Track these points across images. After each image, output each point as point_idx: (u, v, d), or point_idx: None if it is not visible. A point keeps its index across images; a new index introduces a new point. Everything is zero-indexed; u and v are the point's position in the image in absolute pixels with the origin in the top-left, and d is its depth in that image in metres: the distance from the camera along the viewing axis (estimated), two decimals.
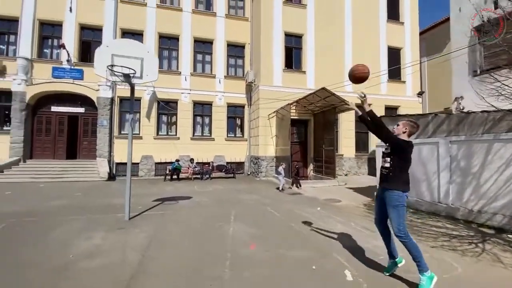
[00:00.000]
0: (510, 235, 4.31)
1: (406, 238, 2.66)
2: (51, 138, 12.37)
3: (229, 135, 14.20)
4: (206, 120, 14.09)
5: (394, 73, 13.80)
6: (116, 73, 4.50)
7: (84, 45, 12.71)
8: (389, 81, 13.87)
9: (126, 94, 12.30)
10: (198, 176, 12.11)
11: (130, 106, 5.23)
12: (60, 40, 12.21)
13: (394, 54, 14.36)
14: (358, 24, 13.66)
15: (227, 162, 13.64)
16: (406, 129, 2.80)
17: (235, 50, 14.64)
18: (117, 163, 12.42)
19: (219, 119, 13.94)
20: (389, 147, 2.82)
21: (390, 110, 13.86)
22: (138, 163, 12.48)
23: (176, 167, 11.74)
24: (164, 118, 13.50)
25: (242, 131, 14.57)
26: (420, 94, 14.20)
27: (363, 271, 3.02)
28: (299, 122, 12.56)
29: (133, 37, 12.48)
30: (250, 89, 14.03)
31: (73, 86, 12.13)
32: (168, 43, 13.63)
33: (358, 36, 13.62)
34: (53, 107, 12.38)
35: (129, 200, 5.09)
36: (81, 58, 12.49)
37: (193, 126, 13.65)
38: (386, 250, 2.98)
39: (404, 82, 14.23)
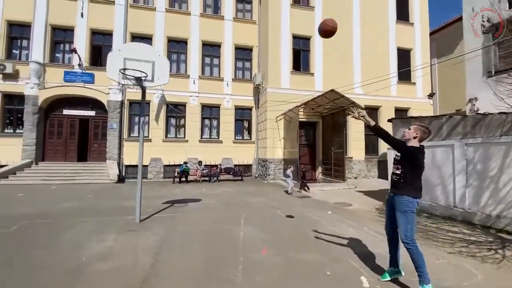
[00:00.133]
0: None
1: (413, 246, 2.56)
2: (63, 141, 12.60)
3: (236, 138, 14.21)
4: (214, 122, 14.15)
5: (404, 74, 13.58)
6: (128, 76, 4.54)
7: (95, 49, 12.96)
8: (399, 82, 13.67)
9: (136, 98, 12.50)
10: (206, 178, 12.13)
11: (141, 109, 5.27)
12: (71, 44, 12.48)
13: (404, 55, 14.14)
14: (366, 25, 13.53)
15: (235, 165, 13.63)
16: (417, 134, 2.69)
17: (243, 53, 14.69)
18: (126, 166, 12.55)
19: (227, 122, 13.97)
20: (400, 155, 2.74)
21: (400, 112, 13.64)
22: (147, 166, 12.58)
23: (184, 170, 11.78)
24: (172, 121, 13.61)
25: (250, 134, 14.56)
26: (431, 95, 13.93)
27: (379, 278, 2.93)
28: (307, 125, 12.47)
29: (142, 41, 12.58)
30: (257, 91, 14.02)
31: (84, 89, 12.35)
32: (176, 47, 13.77)
33: (366, 37, 13.48)
34: (64, 111, 12.63)
35: (140, 202, 5.11)
36: (92, 62, 12.73)
37: (201, 128, 13.72)
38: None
39: (414, 83, 13.99)
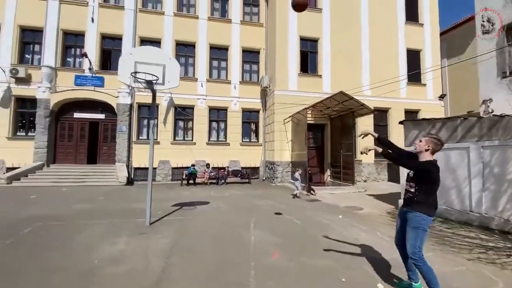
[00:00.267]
0: None
1: (420, 262, 2.45)
2: (73, 143, 12.79)
3: (244, 140, 14.19)
4: (222, 125, 14.17)
5: (414, 76, 13.36)
6: (139, 80, 4.57)
7: (104, 53, 13.17)
8: (408, 84, 13.42)
9: (144, 101, 12.64)
10: (214, 181, 12.13)
11: (151, 112, 5.30)
12: (82, 49, 12.70)
13: (413, 56, 13.92)
14: (375, 26, 13.39)
15: (242, 167, 13.60)
16: (429, 146, 2.54)
17: (250, 56, 14.72)
18: (135, 168, 12.65)
19: (234, 124, 13.98)
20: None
21: (410, 114, 13.39)
22: (156, 168, 12.65)
23: (192, 172, 11.81)
24: (180, 124, 13.69)
25: (257, 136, 14.52)
26: (441, 97, 13.65)
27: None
28: (315, 127, 12.37)
29: (151, 45, 12.75)
30: (265, 94, 14.00)
31: (94, 93, 12.55)
32: (184, 50, 13.89)
33: (375, 38, 13.33)
34: (75, 114, 12.83)
35: (150, 205, 5.11)
36: (102, 66, 12.93)
37: (208, 131, 13.75)
38: None
39: (424, 85, 13.74)
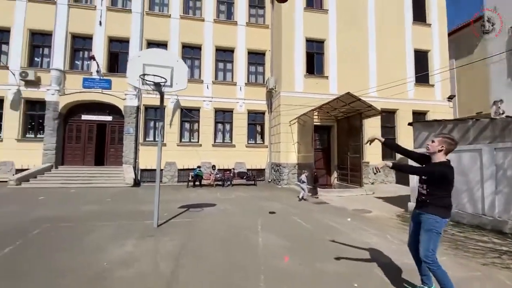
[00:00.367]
0: None
1: (434, 266, 2.36)
2: (81, 145, 12.94)
3: (249, 142, 14.17)
4: (227, 127, 14.19)
5: (422, 76, 13.18)
6: (147, 82, 4.59)
7: (112, 56, 13.32)
8: (416, 85, 13.25)
9: (151, 103, 12.75)
10: (220, 182, 12.13)
11: (160, 114, 5.32)
12: (90, 52, 12.86)
13: (421, 57, 13.75)
14: (382, 27, 13.28)
15: (248, 169, 13.57)
16: (443, 147, 2.45)
17: (256, 58, 14.73)
18: (141, 170, 12.73)
19: (240, 126, 13.98)
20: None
21: (418, 115, 13.22)
22: (162, 170, 12.70)
23: (197, 174, 11.83)
24: (186, 126, 13.74)
25: (263, 138, 14.50)
26: (450, 98, 13.43)
27: None
28: (322, 129, 12.29)
29: (157, 47, 12.79)
30: (270, 95, 13.98)
31: (101, 95, 12.68)
32: (191, 53, 13.96)
33: (382, 39, 13.21)
34: (83, 116, 12.98)
35: (157, 207, 5.12)
36: (109, 69, 13.08)
37: (214, 133, 13.78)
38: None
39: (432, 85, 13.54)
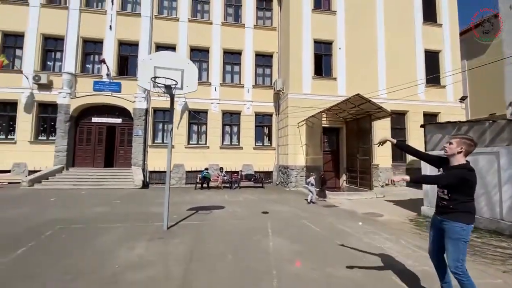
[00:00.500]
0: None
1: (464, 277, 2.24)
2: (91, 147, 13.13)
3: (257, 144, 14.14)
4: (235, 129, 14.19)
5: (433, 77, 12.93)
6: (158, 84, 4.61)
7: (121, 59, 13.51)
8: (427, 86, 13.00)
9: (160, 105, 12.89)
10: (227, 185, 12.11)
11: (170, 116, 5.33)
12: (100, 55, 13.08)
13: (432, 57, 13.50)
14: (391, 27, 13.10)
15: (255, 171, 13.52)
16: (462, 148, 2.31)
17: (263, 60, 14.74)
18: (150, 172, 12.83)
19: (247, 128, 13.96)
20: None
21: (430, 117, 12.95)
22: (170, 172, 12.73)
23: (205, 176, 11.84)
24: (194, 128, 13.81)
25: (270, 140, 14.44)
26: (463, 99, 13.12)
27: None
28: (330, 131, 12.15)
29: (166, 50, 12.99)
30: (278, 97, 13.93)
31: (111, 98, 12.87)
32: (199, 55, 14.05)
33: (391, 40, 13.03)
34: (93, 118, 13.19)
35: (167, 210, 5.12)
36: (119, 72, 13.27)
37: (222, 135, 13.79)
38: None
39: (444, 87, 13.26)
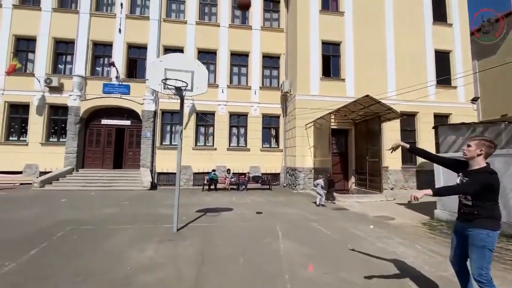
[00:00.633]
0: None
1: (489, 285, 2.14)
2: (101, 149, 13.29)
3: (264, 146, 14.08)
4: (242, 130, 14.18)
5: (443, 78, 12.69)
6: (169, 86, 4.62)
7: (130, 62, 13.68)
8: (437, 86, 12.74)
9: (168, 107, 13.01)
10: (235, 186, 12.09)
11: (179, 118, 5.34)
12: (110, 58, 13.26)
13: (442, 57, 13.25)
14: (400, 28, 12.92)
15: (262, 173, 13.45)
16: (482, 150, 2.22)
17: (270, 61, 14.72)
18: (158, 173, 12.90)
19: (254, 130, 13.93)
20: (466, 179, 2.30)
21: (440, 118, 12.70)
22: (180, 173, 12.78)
23: (212, 178, 11.85)
24: (201, 129, 13.85)
25: (277, 142, 14.38)
26: (474, 100, 12.82)
27: None
28: (339, 132, 12.02)
29: (174, 53, 13.11)
30: (285, 99, 13.88)
31: (120, 100, 13.02)
32: (206, 58, 14.10)
33: (401, 40, 12.85)
34: (103, 120, 13.36)
35: (177, 211, 5.11)
36: (128, 75, 13.44)
37: (229, 137, 13.79)
38: None
39: (455, 87, 12.99)
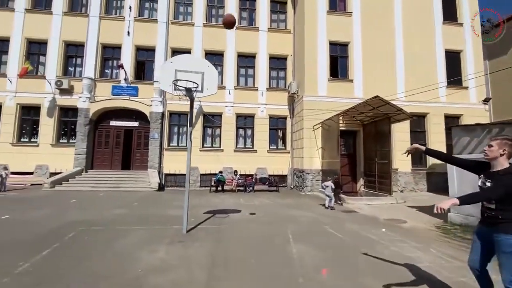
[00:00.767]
0: None
1: None
2: (109, 150, 13.42)
3: (271, 147, 14.02)
4: (249, 132, 14.15)
5: (454, 78, 12.46)
6: (179, 87, 4.61)
7: (138, 64, 13.81)
8: (448, 87, 12.49)
9: (175, 109, 13.10)
10: (242, 188, 12.05)
11: (189, 119, 5.32)
12: (118, 61, 13.41)
13: (452, 58, 13.02)
14: (410, 28, 12.74)
15: (269, 175, 13.38)
16: (505, 150, 2.11)
17: (277, 63, 14.69)
18: (165, 174, 12.95)
19: (261, 131, 13.89)
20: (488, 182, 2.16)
21: (451, 119, 12.46)
22: (185, 175, 12.79)
23: (219, 179, 11.84)
24: (208, 131, 13.88)
25: (284, 143, 14.30)
26: (486, 100, 12.53)
27: None
28: (347, 134, 11.88)
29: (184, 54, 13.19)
30: (292, 100, 13.81)
31: (129, 102, 13.14)
32: (213, 59, 14.07)
33: (410, 40, 12.67)
34: (111, 122, 13.51)
35: (187, 213, 5.10)
36: (136, 77, 13.56)
37: (236, 138, 13.78)
38: None
39: (466, 88, 12.73)
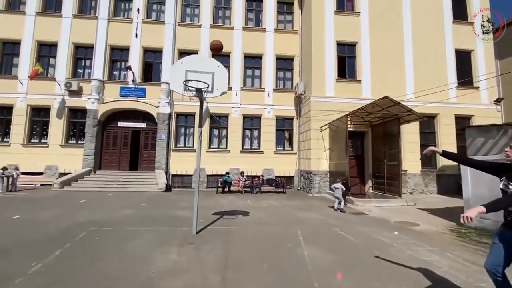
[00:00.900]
0: None
1: None
2: (117, 151, 13.53)
3: (278, 148, 13.95)
4: (255, 133, 14.11)
5: (465, 78, 12.23)
6: (190, 88, 4.60)
7: (146, 66, 13.90)
8: (459, 87, 12.26)
9: (182, 110, 13.17)
10: (248, 189, 12.01)
11: (199, 119, 5.31)
12: (126, 62, 13.52)
13: (463, 57, 12.79)
14: (419, 27, 12.56)
15: (276, 176, 13.31)
16: None
17: (284, 63, 14.63)
18: (172, 175, 12.99)
19: (268, 132, 13.83)
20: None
21: (462, 120, 12.23)
22: (191, 175, 12.88)
23: (226, 180, 11.82)
24: (215, 132, 13.89)
25: (291, 144, 14.22)
26: (498, 101, 12.27)
27: None
28: (355, 135, 11.75)
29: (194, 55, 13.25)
30: (299, 101, 13.73)
31: (136, 103, 13.23)
32: (220, 60, 13.83)
33: (419, 40, 12.48)
34: (119, 123, 13.61)
35: (196, 214, 5.07)
36: (143, 78, 13.65)
37: (242, 139, 13.75)
38: None
39: (477, 88, 12.48)
